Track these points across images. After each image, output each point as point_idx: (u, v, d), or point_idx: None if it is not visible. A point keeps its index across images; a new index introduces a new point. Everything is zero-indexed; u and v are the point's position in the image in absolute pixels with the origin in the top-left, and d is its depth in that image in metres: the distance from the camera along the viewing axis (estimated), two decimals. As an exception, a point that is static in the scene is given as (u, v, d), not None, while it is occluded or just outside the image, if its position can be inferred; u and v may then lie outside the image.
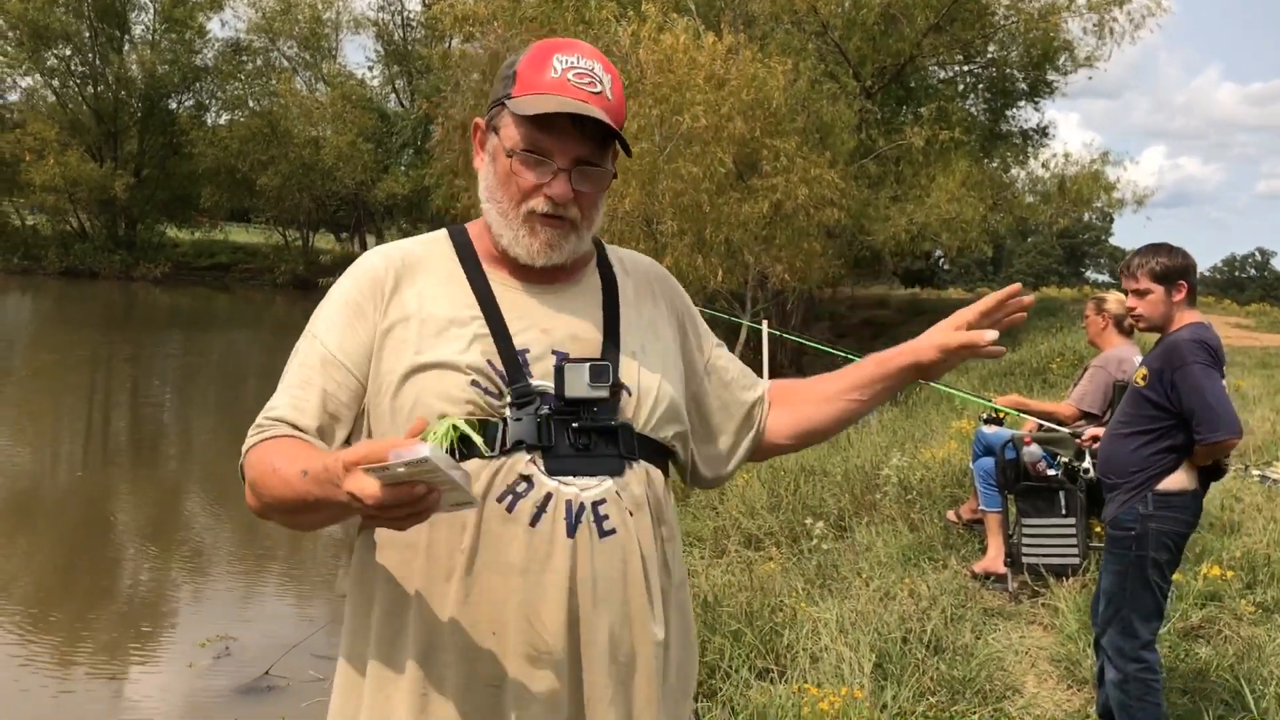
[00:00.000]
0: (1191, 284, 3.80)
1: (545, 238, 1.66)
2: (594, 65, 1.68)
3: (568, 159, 1.64)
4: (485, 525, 1.57)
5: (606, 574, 1.59)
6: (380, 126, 42.35)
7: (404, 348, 1.64)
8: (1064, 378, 11.73)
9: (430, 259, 1.74)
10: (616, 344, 1.71)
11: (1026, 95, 28.32)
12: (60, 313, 29.95)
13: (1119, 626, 3.77)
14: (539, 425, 1.60)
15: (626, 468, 1.64)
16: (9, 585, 7.44)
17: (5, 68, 44.55)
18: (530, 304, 1.70)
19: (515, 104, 1.64)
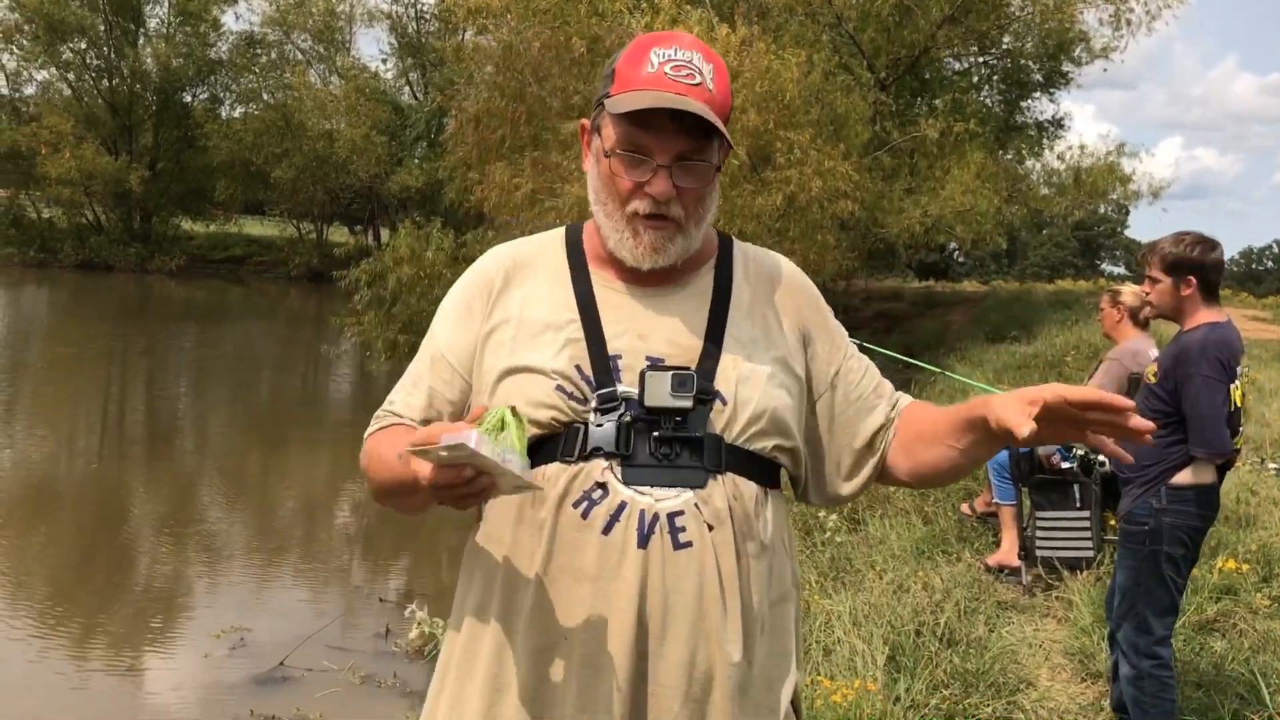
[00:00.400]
0: (1204, 280, 3.68)
1: (649, 240, 1.62)
2: (693, 56, 1.62)
3: (668, 155, 1.60)
4: (560, 530, 1.58)
5: (680, 587, 1.56)
6: (394, 119, 42.37)
7: (501, 349, 1.67)
8: (1079, 370, 11.69)
9: (541, 259, 1.75)
10: (717, 352, 1.65)
11: (1042, 87, 28.16)
12: (76, 305, 30.09)
13: (1134, 622, 3.75)
14: (618, 432, 1.58)
15: (710, 480, 1.58)
16: (27, 576, 7.49)
17: (21, 61, 44.75)
18: (632, 307, 1.67)
19: (611, 103, 1.61)
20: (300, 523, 9.49)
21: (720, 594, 1.57)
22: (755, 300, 1.74)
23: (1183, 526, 3.68)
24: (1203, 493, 3.71)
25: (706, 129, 1.59)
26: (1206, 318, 3.70)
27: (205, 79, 46.43)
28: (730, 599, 1.58)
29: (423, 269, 15.11)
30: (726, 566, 1.58)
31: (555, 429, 1.61)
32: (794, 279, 1.82)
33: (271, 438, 13.06)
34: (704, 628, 1.56)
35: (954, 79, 26.11)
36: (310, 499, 10.31)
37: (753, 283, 1.76)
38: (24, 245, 41.90)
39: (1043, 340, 15.69)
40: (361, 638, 6.50)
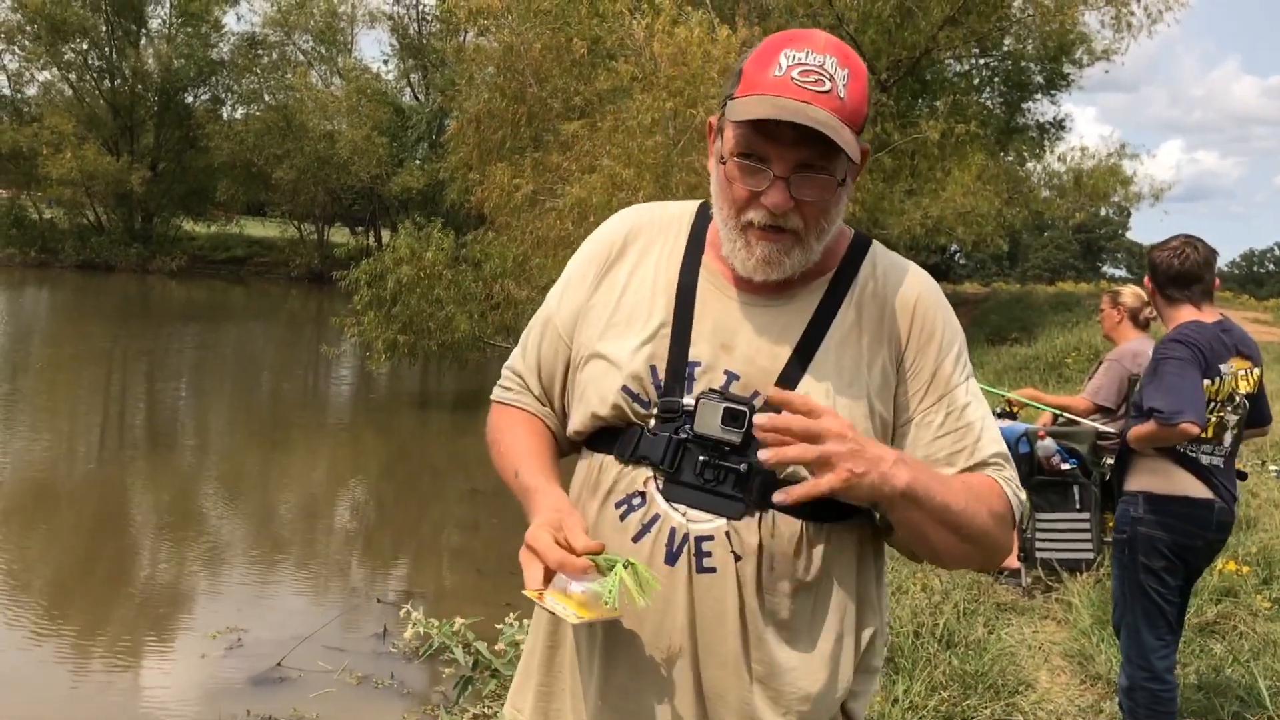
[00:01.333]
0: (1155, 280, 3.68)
1: (762, 253, 1.55)
2: (824, 60, 1.52)
3: (786, 165, 1.52)
4: (600, 525, 1.60)
5: (702, 610, 1.55)
6: (395, 120, 42.39)
7: (594, 327, 1.67)
8: (1079, 372, 11.68)
9: (666, 232, 1.72)
10: (794, 381, 1.57)
11: (1043, 89, 28.20)
12: (77, 305, 30.10)
13: (1126, 630, 3.72)
14: (668, 447, 1.57)
15: (748, 514, 1.54)
16: (26, 576, 7.48)
17: (24, 62, 44.82)
18: (729, 313, 1.62)
19: (731, 108, 1.55)
20: (299, 523, 9.47)
21: (740, 624, 1.55)
22: (856, 324, 1.63)
23: (1160, 539, 3.59)
24: (1184, 505, 3.60)
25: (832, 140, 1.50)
26: (1186, 318, 3.65)
27: (207, 80, 46.46)
28: (753, 629, 1.55)
29: (423, 269, 15.12)
30: (749, 597, 1.55)
31: (616, 425, 1.61)
32: (910, 300, 1.67)
33: (271, 438, 13.06)
34: (721, 654, 1.56)
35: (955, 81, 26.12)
36: (309, 499, 10.30)
37: (864, 303, 1.64)
38: (25, 245, 41.92)
39: (1043, 342, 15.68)
40: (359, 638, 6.49)
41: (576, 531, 1.48)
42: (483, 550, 8.56)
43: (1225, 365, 3.60)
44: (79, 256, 41.63)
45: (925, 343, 1.65)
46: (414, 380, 18.23)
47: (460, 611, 5.96)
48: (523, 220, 15.94)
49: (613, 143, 14.29)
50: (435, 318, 15.08)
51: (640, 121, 13.98)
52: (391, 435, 13.77)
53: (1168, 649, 3.68)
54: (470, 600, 6.93)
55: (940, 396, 1.64)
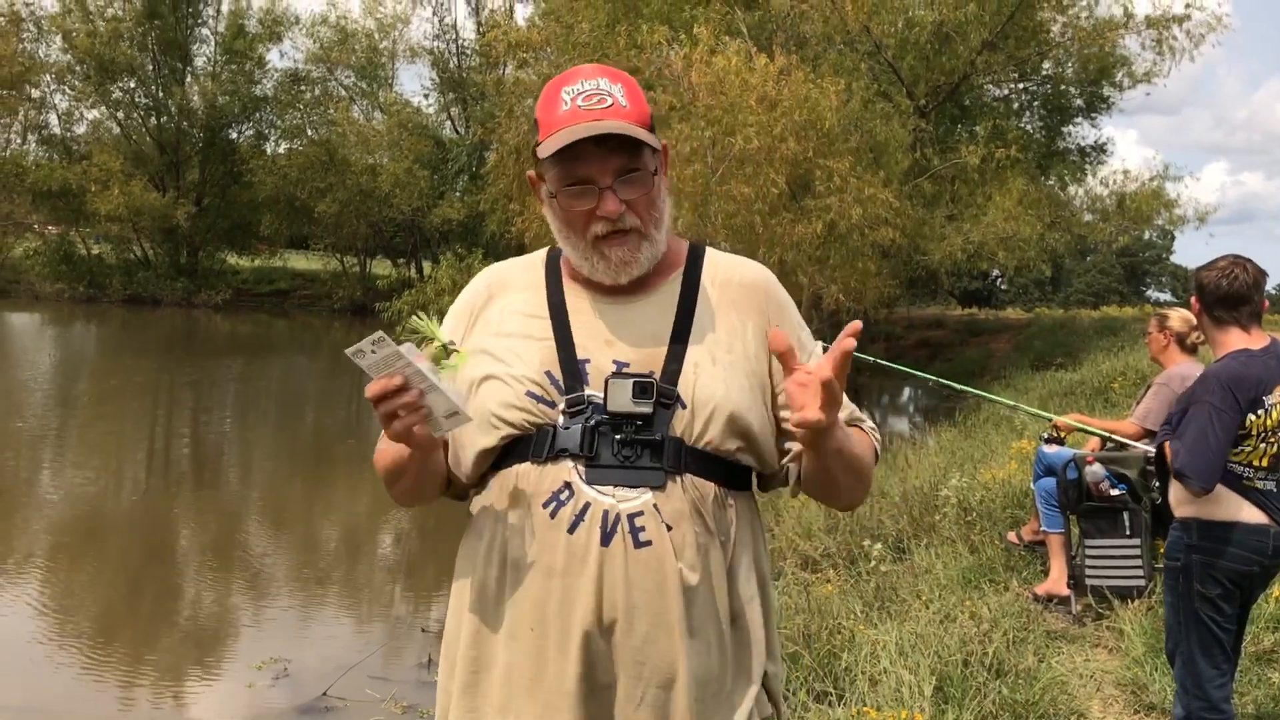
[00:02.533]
0: (1207, 300, 3.60)
1: (618, 256, 1.73)
2: (599, 82, 1.73)
3: (607, 176, 1.69)
4: (532, 527, 1.68)
5: (641, 584, 1.64)
6: (436, 153, 42.76)
7: (480, 358, 1.78)
8: (1126, 397, 11.53)
9: (523, 275, 1.88)
10: (680, 357, 1.73)
11: (1083, 112, 28.05)
12: (124, 339, 30.54)
13: (1181, 660, 3.64)
14: (584, 435, 1.68)
15: (669, 481, 1.67)
16: (74, 606, 7.56)
17: (73, 101, 45.72)
18: (601, 315, 1.77)
19: (541, 149, 1.72)
20: (343, 553, 9.52)
21: (680, 590, 1.65)
22: (720, 304, 1.81)
23: (1214, 566, 3.51)
24: (1240, 532, 3.52)
25: (634, 142, 1.69)
26: (1237, 343, 3.58)
27: (250, 115, 47.10)
28: (690, 595, 1.66)
29: (464, 300, 15.22)
30: (686, 564, 1.66)
31: (526, 430, 1.71)
32: (759, 281, 1.88)
33: (315, 469, 13.15)
34: (666, 621, 1.65)
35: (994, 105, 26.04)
36: (353, 530, 10.36)
37: (719, 287, 1.83)
38: (74, 281, 42.60)
39: (1088, 367, 15.50)
40: (404, 667, 6.50)
41: None
42: (526, 579, 8.56)
43: (1271, 396, 3.52)
44: (126, 291, 42.25)
45: (782, 315, 1.86)
46: (456, 410, 18.30)
47: (504, 641, 5.97)
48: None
49: (651, 172, 14.35)
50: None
51: (679, 151, 14.04)
52: (434, 465, 13.81)
53: (1224, 678, 3.61)
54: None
55: (806, 349, 1.85)
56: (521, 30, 20.99)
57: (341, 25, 46.45)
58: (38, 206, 43.19)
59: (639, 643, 1.64)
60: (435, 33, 47.97)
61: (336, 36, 46.15)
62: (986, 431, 11.17)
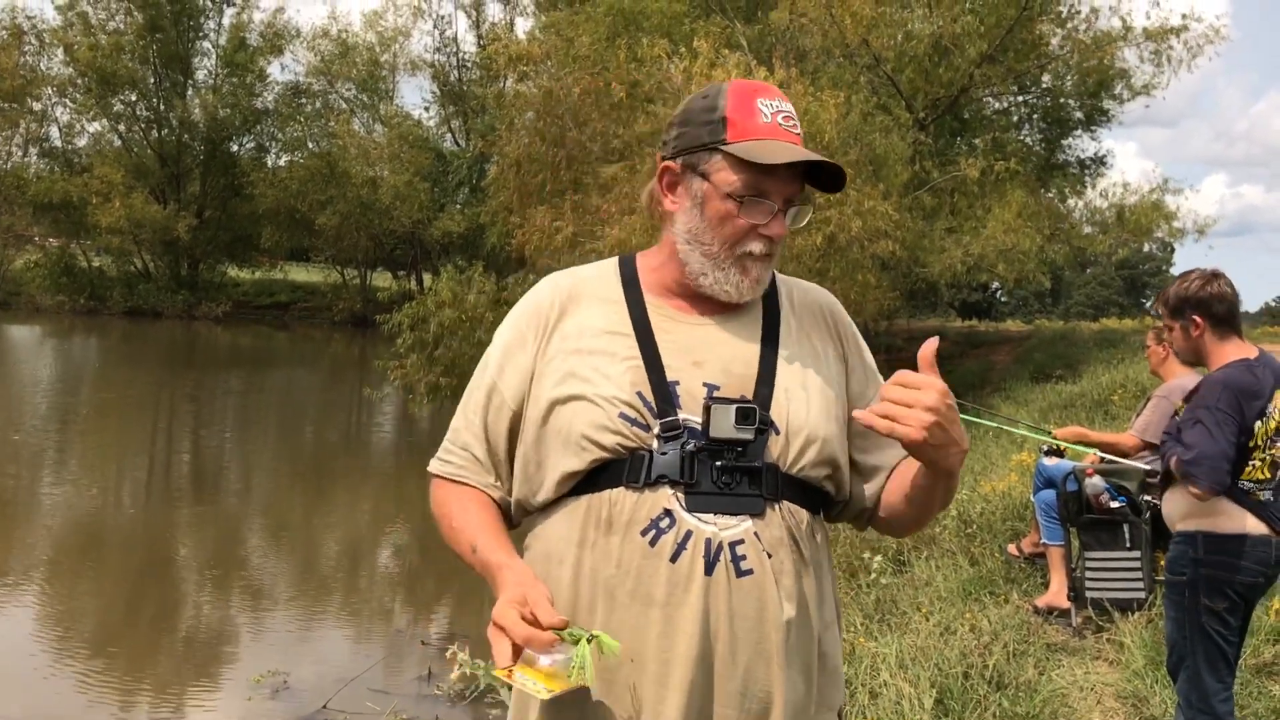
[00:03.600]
0: (1210, 314, 3.56)
1: (756, 275, 1.71)
2: (789, 106, 1.72)
3: (782, 199, 1.69)
4: (629, 557, 1.62)
5: (743, 613, 1.61)
6: (436, 166, 42.88)
7: (560, 376, 1.71)
8: (1126, 409, 11.53)
9: (596, 287, 1.80)
10: (771, 381, 1.70)
11: (1082, 125, 28.07)
12: (124, 352, 30.55)
13: (1185, 675, 3.61)
14: (682, 461, 1.63)
15: (768, 508, 1.64)
16: (74, 618, 7.55)
17: (75, 114, 45.87)
18: (687, 335, 1.73)
19: (739, 149, 1.66)
20: (343, 566, 9.51)
21: (781, 619, 1.62)
22: (802, 328, 1.80)
23: (1222, 579, 3.50)
24: (1246, 544, 3.51)
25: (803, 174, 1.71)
26: (1235, 354, 3.57)
27: (251, 128, 47.28)
28: (788, 624, 1.63)
29: (465, 312, 15.20)
30: (784, 593, 1.63)
31: (619, 454, 1.64)
32: (834, 305, 1.89)
33: (315, 481, 13.14)
34: (765, 651, 1.62)
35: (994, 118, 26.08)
36: (353, 542, 10.35)
37: (798, 312, 1.82)
38: (75, 293, 42.67)
39: (1088, 379, 15.50)
40: (404, 680, 6.49)
41: (542, 605, 1.50)
42: (526, 592, 8.54)
43: (1271, 404, 3.53)
44: (126, 303, 42.31)
45: (853, 340, 1.86)
46: (456, 423, 18.29)
47: (504, 653, 5.96)
48: (563, 262, 15.98)
49: (652, 185, 14.35)
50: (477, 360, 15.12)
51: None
52: (434, 477, 13.79)
53: (1228, 691, 3.60)
54: (514, 642, 6.91)
55: (876, 376, 1.85)
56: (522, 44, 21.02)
57: (342, 38, 46.69)
58: (39, 219, 43.34)
59: (740, 673, 1.61)
60: (436, 46, 48.13)
61: (337, 49, 46.35)
62: (987, 444, 11.17)
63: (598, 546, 1.64)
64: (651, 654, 1.60)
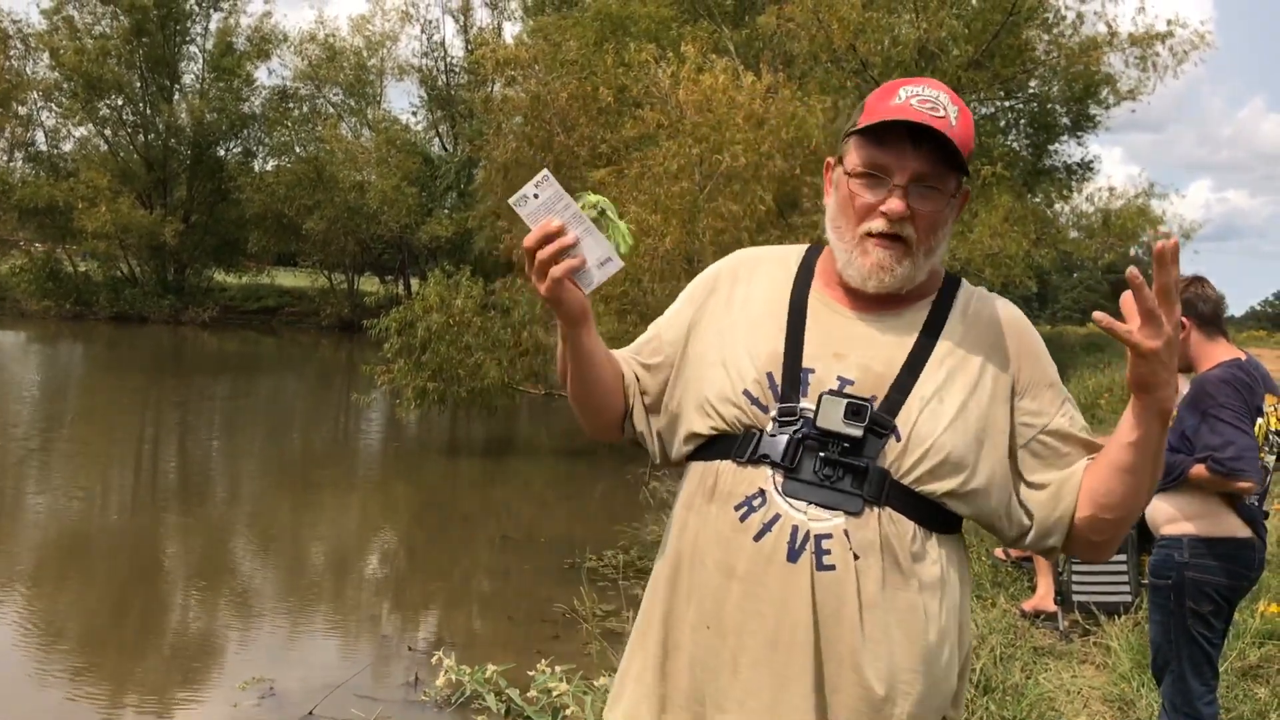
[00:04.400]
0: (1198, 315, 3.61)
1: (877, 259, 1.68)
2: (939, 95, 1.69)
3: (905, 175, 1.66)
4: (721, 528, 1.67)
5: (822, 607, 1.60)
6: (424, 170, 42.81)
7: (711, 339, 1.79)
8: (1113, 413, 11.57)
9: (776, 264, 1.86)
10: (907, 387, 1.67)
11: (1069, 130, 28.19)
12: (111, 357, 30.42)
13: (1170, 678, 3.63)
14: (788, 446, 1.65)
15: (866, 510, 1.62)
16: (58, 625, 7.51)
17: (60, 118, 45.65)
18: (839, 326, 1.74)
19: (861, 119, 1.70)
20: (329, 571, 9.48)
21: (859, 621, 1.60)
22: (965, 340, 1.73)
23: (1208, 583, 3.53)
24: (1231, 547, 3.55)
25: (947, 160, 1.65)
26: (1225, 355, 3.60)
27: (238, 133, 47.10)
28: (870, 627, 1.60)
29: (452, 317, 15.19)
30: (868, 596, 1.60)
31: (735, 428, 1.70)
32: (1014, 324, 1.78)
33: (302, 486, 13.10)
34: (838, 651, 1.60)
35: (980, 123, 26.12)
36: (340, 547, 10.31)
37: (968, 322, 1.76)
38: (61, 298, 42.44)
39: (1075, 384, 15.56)
40: (391, 686, 6.46)
41: None
42: (514, 597, 8.53)
43: (1264, 405, 3.56)
44: (113, 308, 42.11)
45: (1032, 358, 1.76)
46: (443, 427, 18.27)
47: (492, 659, 5.96)
48: (551, 267, 16.00)
49: (639, 189, 14.37)
50: (465, 365, 15.13)
51: (666, 168, 14.06)
52: (422, 482, 13.78)
53: (1212, 694, 3.62)
54: (502, 648, 6.90)
55: (1064, 400, 1.75)
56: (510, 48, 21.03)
57: (330, 43, 46.54)
58: (24, 224, 43.13)
59: (813, 667, 1.61)
60: (424, 50, 47.93)
61: (325, 54, 46.21)
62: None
63: (699, 512, 1.70)
64: (730, 626, 1.64)
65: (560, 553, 9.34)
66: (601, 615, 7.02)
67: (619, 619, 6.88)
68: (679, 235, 13.92)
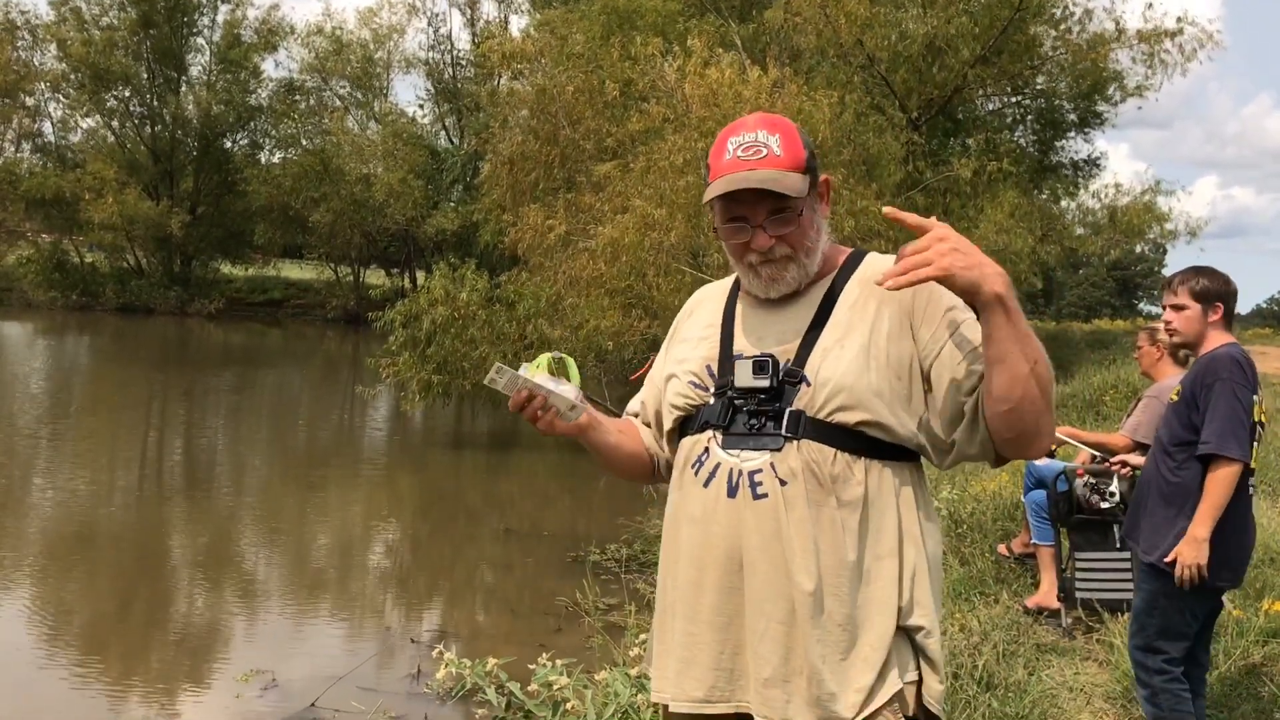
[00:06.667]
0: (1229, 308, 3.80)
1: (767, 275, 2.06)
2: (758, 134, 2.02)
3: (760, 215, 2.02)
4: (684, 486, 2.10)
5: (760, 531, 1.95)
6: (430, 163, 42.84)
7: (669, 361, 2.25)
8: (1118, 410, 11.55)
9: (714, 296, 2.27)
10: (811, 344, 2.02)
11: (1076, 126, 28.08)
12: (117, 349, 30.47)
13: (1140, 641, 3.76)
14: (720, 409, 2.04)
15: (787, 445, 1.96)
16: (64, 616, 7.53)
17: (68, 109, 45.76)
18: (760, 319, 2.12)
19: (707, 192, 2.05)
20: (333, 564, 9.49)
21: (791, 534, 1.93)
22: (861, 296, 2.05)
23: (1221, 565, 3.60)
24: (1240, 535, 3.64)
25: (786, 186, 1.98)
26: (1226, 340, 3.77)
27: (245, 125, 47.20)
28: (802, 541, 1.92)
29: (457, 310, 15.18)
30: (797, 515, 1.93)
31: (689, 411, 2.12)
32: None
33: (307, 479, 13.12)
34: (781, 565, 1.93)
35: (987, 119, 26.09)
36: (344, 540, 10.33)
37: (863, 283, 2.07)
38: (67, 289, 42.57)
39: (1080, 380, 15.53)
40: (393, 678, 6.47)
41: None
42: (516, 591, 8.54)
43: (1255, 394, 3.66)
44: (119, 300, 42.22)
45: (926, 300, 2.00)
46: (448, 420, 18.29)
47: (493, 652, 5.95)
48: (556, 261, 16.01)
49: (645, 183, 14.34)
50: (469, 358, 15.11)
51: (672, 162, 14.04)
52: (426, 475, 13.79)
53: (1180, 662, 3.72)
54: (503, 641, 6.91)
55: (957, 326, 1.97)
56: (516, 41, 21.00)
57: (337, 35, 46.62)
58: (31, 214, 43.24)
59: (760, 583, 1.95)
60: (430, 44, 48.30)
61: (332, 47, 46.28)
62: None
63: (675, 484, 2.13)
64: (693, 560, 2.03)
65: (563, 546, 9.35)
66: (604, 609, 7.02)
67: (621, 613, 6.87)
68: (684, 230, 13.90)
